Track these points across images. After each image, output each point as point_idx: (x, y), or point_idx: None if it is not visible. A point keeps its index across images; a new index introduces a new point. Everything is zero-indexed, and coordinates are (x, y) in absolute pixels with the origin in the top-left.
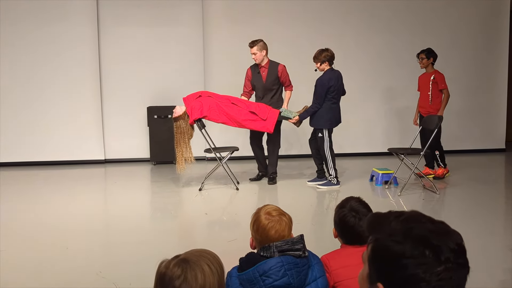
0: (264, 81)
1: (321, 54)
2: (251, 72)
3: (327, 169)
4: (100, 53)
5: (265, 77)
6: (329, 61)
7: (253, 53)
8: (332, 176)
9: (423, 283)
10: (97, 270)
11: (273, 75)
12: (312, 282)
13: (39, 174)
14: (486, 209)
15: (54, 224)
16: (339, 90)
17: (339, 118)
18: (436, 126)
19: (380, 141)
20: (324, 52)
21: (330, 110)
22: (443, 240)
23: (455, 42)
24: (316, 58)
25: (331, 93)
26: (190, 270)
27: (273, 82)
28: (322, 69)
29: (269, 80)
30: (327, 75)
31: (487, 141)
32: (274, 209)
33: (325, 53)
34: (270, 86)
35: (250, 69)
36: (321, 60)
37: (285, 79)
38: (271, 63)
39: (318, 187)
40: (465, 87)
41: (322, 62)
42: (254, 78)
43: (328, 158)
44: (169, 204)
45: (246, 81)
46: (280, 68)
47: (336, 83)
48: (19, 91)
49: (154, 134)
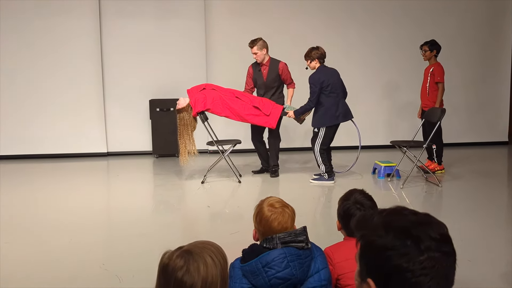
0: (264, 79)
1: (311, 52)
2: (252, 70)
3: (318, 165)
4: (102, 46)
5: (266, 74)
6: (319, 59)
7: (254, 52)
8: (322, 171)
9: (408, 273)
10: (100, 262)
11: (274, 72)
12: (315, 273)
13: (41, 167)
14: (489, 202)
15: (56, 217)
16: (334, 87)
17: (345, 113)
18: (439, 119)
19: (383, 134)
20: (314, 50)
21: (331, 106)
22: (423, 230)
23: (460, 35)
24: (307, 56)
25: (325, 90)
26: (193, 262)
27: (274, 80)
28: (312, 67)
29: (270, 77)
30: (318, 72)
31: (490, 134)
32: (277, 201)
33: (315, 51)
34: (271, 84)
35: (252, 66)
36: (311, 57)
37: (286, 77)
38: (272, 61)
39: (310, 181)
40: (469, 80)
41: (312, 60)
42: (255, 75)
43: (316, 154)
44: (172, 197)
45: (247, 78)
46: (281, 66)
47: (329, 79)
48: (21, 83)
49: (156, 127)
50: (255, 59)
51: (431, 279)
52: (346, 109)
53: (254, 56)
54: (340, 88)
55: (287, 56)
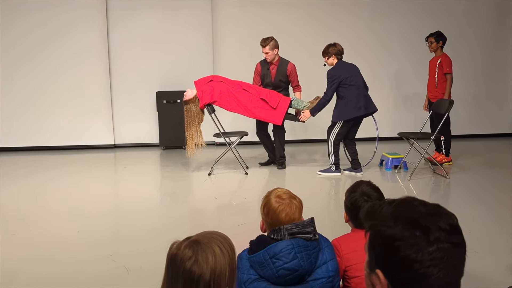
0: (272, 79)
1: (328, 48)
2: (260, 68)
3: (328, 155)
4: (109, 38)
5: (274, 74)
6: (337, 55)
7: (265, 52)
8: (331, 163)
9: (417, 264)
10: (108, 253)
11: (282, 72)
12: (323, 264)
13: (48, 159)
14: (497, 194)
15: (63, 208)
16: (354, 80)
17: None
18: (447, 111)
19: (390, 125)
20: (331, 46)
21: (353, 98)
22: (433, 221)
23: (468, 26)
24: (324, 53)
25: (344, 84)
26: (201, 252)
27: (281, 80)
28: (330, 63)
29: (278, 77)
30: (336, 67)
31: (497, 126)
32: (284, 192)
33: (332, 47)
34: (278, 84)
35: (260, 64)
36: (329, 54)
37: (293, 79)
38: (281, 61)
39: (318, 173)
40: (476, 72)
41: (329, 56)
42: (263, 73)
43: (330, 144)
44: (179, 189)
45: (255, 76)
46: (290, 67)
47: (348, 73)
48: (27, 75)
49: (163, 119)
50: (265, 57)
51: (440, 270)
52: (368, 101)
53: (265, 55)
54: (360, 82)
55: (294, 45)
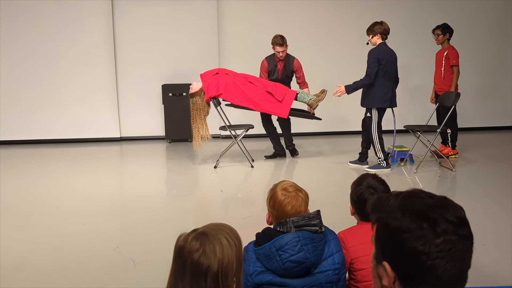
0: (279, 75)
1: (374, 26)
2: (267, 64)
3: (375, 152)
4: (115, 31)
5: (281, 70)
6: (382, 35)
7: (281, 50)
8: (381, 159)
9: (423, 256)
10: (114, 246)
11: (288, 68)
12: (329, 257)
13: (54, 152)
14: (503, 187)
15: (69, 201)
16: (391, 68)
17: (392, 99)
18: (454, 103)
19: (397, 118)
20: (377, 24)
21: (382, 88)
22: (440, 213)
23: (474, 19)
24: (369, 30)
25: (382, 68)
26: (209, 244)
27: (287, 75)
28: (374, 42)
29: (284, 73)
30: (379, 48)
31: (503, 119)
32: (290, 185)
33: (378, 25)
34: (285, 79)
35: (266, 60)
36: (374, 32)
37: (299, 75)
38: (287, 57)
39: (366, 170)
40: (480, 65)
41: (374, 35)
42: (269, 70)
43: (375, 140)
44: (185, 182)
45: (263, 73)
46: (296, 63)
47: (388, 58)
48: (32, 68)
49: (169, 112)
50: (279, 55)
51: (447, 262)
52: (394, 96)
53: (280, 53)
54: (394, 72)
55: (300, 37)
